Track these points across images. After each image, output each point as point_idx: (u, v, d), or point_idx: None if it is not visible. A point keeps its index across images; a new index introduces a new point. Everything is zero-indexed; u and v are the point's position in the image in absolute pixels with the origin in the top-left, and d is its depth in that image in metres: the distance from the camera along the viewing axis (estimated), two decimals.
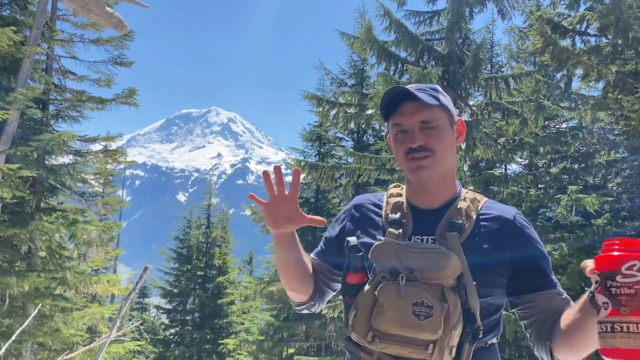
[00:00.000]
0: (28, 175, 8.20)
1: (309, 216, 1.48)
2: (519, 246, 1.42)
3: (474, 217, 1.44)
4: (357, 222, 1.57)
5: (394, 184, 1.62)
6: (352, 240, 1.43)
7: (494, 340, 1.44)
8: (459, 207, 1.45)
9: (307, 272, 1.61)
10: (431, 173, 1.42)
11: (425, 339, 1.25)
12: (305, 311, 1.70)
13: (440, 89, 1.49)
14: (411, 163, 1.42)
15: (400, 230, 1.44)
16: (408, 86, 1.46)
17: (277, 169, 1.45)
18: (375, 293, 1.31)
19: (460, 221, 1.42)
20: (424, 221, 1.46)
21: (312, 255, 1.69)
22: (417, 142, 1.40)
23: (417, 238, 1.44)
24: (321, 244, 1.68)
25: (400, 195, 1.54)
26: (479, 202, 1.48)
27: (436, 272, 1.29)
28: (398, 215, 1.48)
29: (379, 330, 1.29)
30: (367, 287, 1.35)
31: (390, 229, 1.45)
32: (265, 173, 1.45)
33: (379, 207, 1.56)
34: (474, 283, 1.33)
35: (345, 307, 1.41)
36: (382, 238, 1.40)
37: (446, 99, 1.48)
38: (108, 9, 1.77)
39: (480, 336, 1.34)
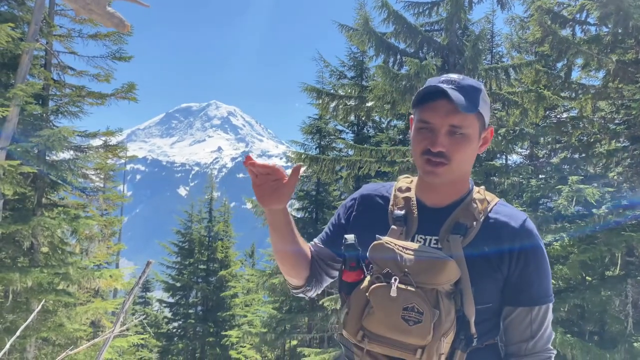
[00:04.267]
0: (29, 171, 8.21)
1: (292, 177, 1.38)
2: (516, 256, 1.36)
3: (481, 219, 1.39)
4: (363, 215, 1.54)
5: (404, 175, 1.57)
6: (350, 238, 1.38)
7: (492, 341, 1.41)
8: (467, 208, 1.41)
9: (302, 257, 1.56)
10: (443, 180, 1.38)
11: (413, 344, 1.23)
12: (301, 295, 1.67)
13: (484, 90, 1.40)
14: (425, 165, 1.37)
15: (404, 228, 1.41)
16: (450, 77, 1.37)
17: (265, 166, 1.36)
18: (367, 294, 1.29)
19: (466, 223, 1.38)
20: (430, 220, 1.42)
21: (316, 239, 1.65)
22: (437, 147, 1.33)
23: (420, 237, 1.40)
24: (326, 229, 1.64)
25: (409, 189, 1.49)
26: (488, 203, 1.43)
27: (431, 277, 1.25)
28: (403, 212, 1.44)
29: (369, 331, 1.28)
30: (361, 286, 1.32)
31: (393, 226, 1.42)
32: (247, 160, 1.35)
33: (387, 200, 1.51)
34: (473, 289, 1.30)
35: (341, 303, 1.40)
36: (381, 237, 1.35)
37: (484, 104, 1.39)
38: (109, 8, 1.76)
39: (474, 343, 1.32)
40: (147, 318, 19.12)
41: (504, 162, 11.09)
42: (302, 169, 13.13)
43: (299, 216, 14.07)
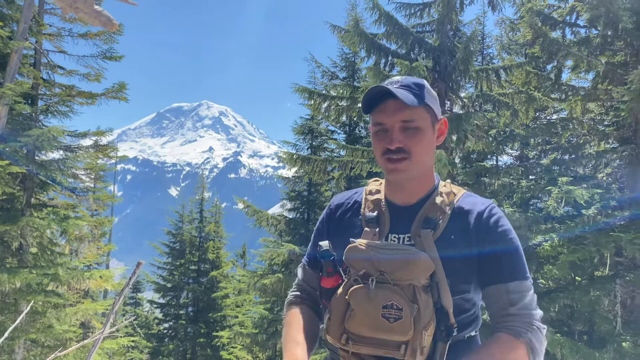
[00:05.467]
0: (18, 171, 8.13)
1: None
2: (483, 240, 1.39)
3: (449, 212, 1.42)
4: (338, 222, 1.56)
5: (373, 179, 1.61)
6: (324, 244, 1.42)
7: (473, 333, 1.44)
8: (434, 202, 1.44)
9: (316, 335, 1.55)
10: (407, 175, 1.41)
11: (396, 341, 1.26)
12: None
13: (427, 85, 1.46)
14: (388, 164, 1.40)
15: (377, 229, 1.44)
16: (394, 79, 1.43)
17: None
18: (346, 297, 1.31)
19: (435, 217, 1.41)
20: (401, 219, 1.45)
21: (304, 260, 1.65)
22: (395, 144, 1.38)
23: (394, 237, 1.43)
24: (310, 249, 1.65)
25: (379, 191, 1.53)
26: (454, 195, 1.46)
27: (406, 273, 1.28)
28: (375, 214, 1.47)
29: (352, 333, 1.30)
30: (339, 290, 1.35)
31: (366, 229, 1.45)
32: None
33: (359, 205, 1.54)
34: (448, 280, 1.32)
35: (323, 309, 1.42)
36: (355, 239, 1.38)
37: (431, 97, 1.45)
38: (96, 7, 1.74)
39: (455, 333, 1.34)
40: (137, 319, 19.02)
41: (495, 163, 11.16)
42: (294, 169, 13.15)
43: (290, 217, 14.05)
